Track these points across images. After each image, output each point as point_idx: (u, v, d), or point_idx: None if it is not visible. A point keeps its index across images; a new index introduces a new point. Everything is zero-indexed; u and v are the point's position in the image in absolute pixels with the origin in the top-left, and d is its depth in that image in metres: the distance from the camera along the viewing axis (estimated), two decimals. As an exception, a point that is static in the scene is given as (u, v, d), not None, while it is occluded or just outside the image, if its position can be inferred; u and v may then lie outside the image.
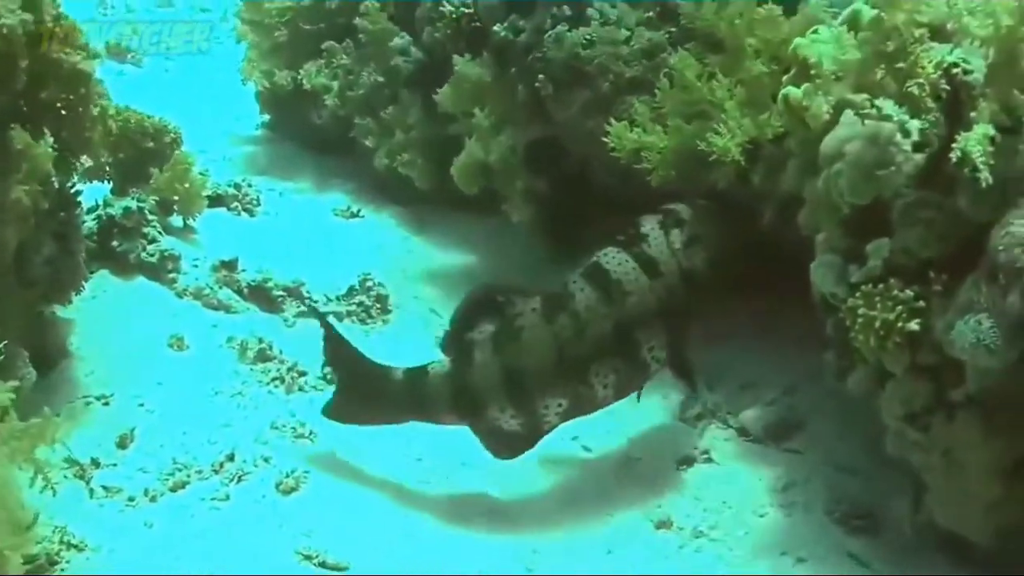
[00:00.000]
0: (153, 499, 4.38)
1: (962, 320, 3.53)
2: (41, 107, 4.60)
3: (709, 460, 4.89)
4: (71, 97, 4.67)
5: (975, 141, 3.46)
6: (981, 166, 3.43)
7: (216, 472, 4.56)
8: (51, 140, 4.48)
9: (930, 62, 3.72)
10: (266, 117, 8.92)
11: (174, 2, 14.84)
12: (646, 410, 5.19)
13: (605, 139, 5.09)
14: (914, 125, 3.84)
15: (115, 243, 5.81)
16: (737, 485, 4.71)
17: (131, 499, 4.37)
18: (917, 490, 4.09)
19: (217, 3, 11.12)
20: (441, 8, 6.69)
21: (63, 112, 4.66)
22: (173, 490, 4.44)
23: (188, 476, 4.51)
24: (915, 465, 3.98)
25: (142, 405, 4.91)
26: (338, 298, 6.13)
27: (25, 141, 4.37)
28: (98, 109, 4.91)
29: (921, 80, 3.71)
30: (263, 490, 4.49)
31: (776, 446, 4.93)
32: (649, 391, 5.26)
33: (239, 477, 4.55)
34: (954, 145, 3.51)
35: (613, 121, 5.11)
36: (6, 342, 3.85)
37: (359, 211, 7.37)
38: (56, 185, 4.82)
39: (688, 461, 4.88)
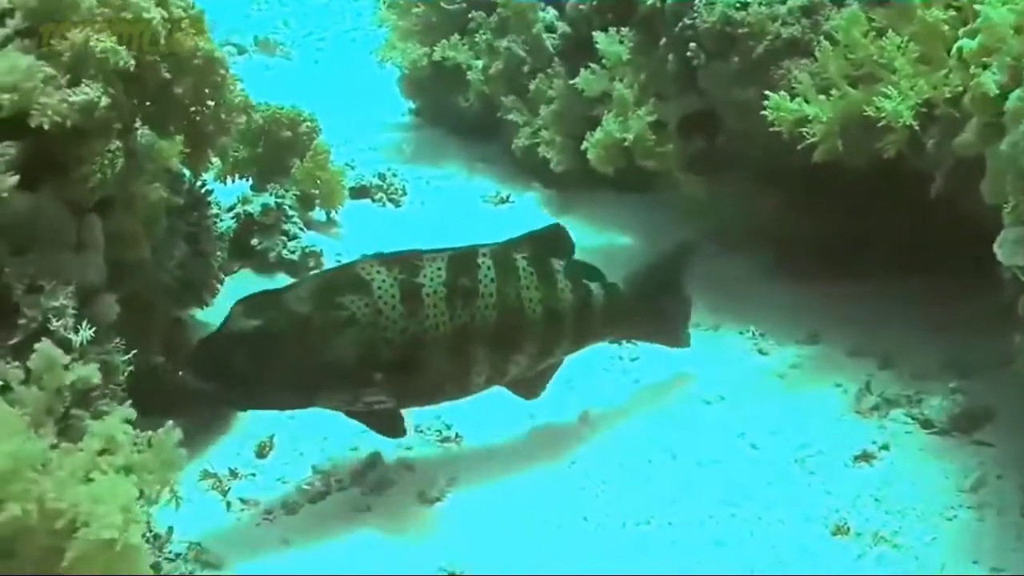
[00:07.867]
0: (292, 511, 4.17)
1: None
2: (171, 102, 4.08)
3: (889, 456, 4.45)
4: (205, 89, 4.13)
5: None
6: None
7: (356, 482, 4.33)
8: (180, 138, 4.28)
9: None
10: (414, 103, 8.70)
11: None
12: (816, 401, 4.80)
13: (763, 112, 4.70)
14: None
15: (255, 241, 5.67)
16: (921, 484, 4.25)
17: (268, 512, 4.17)
18: None
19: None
20: (586, -22, 6.33)
21: (192, 107, 4.15)
22: (312, 502, 4.23)
23: (328, 486, 4.30)
24: None
25: (280, 411, 4.69)
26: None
27: (151, 139, 4.19)
28: (239, 99, 4.40)
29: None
30: (404, 501, 4.23)
31: (964, 439, 4.48)
32: (820, 379, 4.88)
33: (380, 486, 4.30)
34: None
35: (769, 93, 4.70)
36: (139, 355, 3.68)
37: (508, 196, 7.10)
38: (187, 184, 4.66)
39: (867, 457, 4.43)
